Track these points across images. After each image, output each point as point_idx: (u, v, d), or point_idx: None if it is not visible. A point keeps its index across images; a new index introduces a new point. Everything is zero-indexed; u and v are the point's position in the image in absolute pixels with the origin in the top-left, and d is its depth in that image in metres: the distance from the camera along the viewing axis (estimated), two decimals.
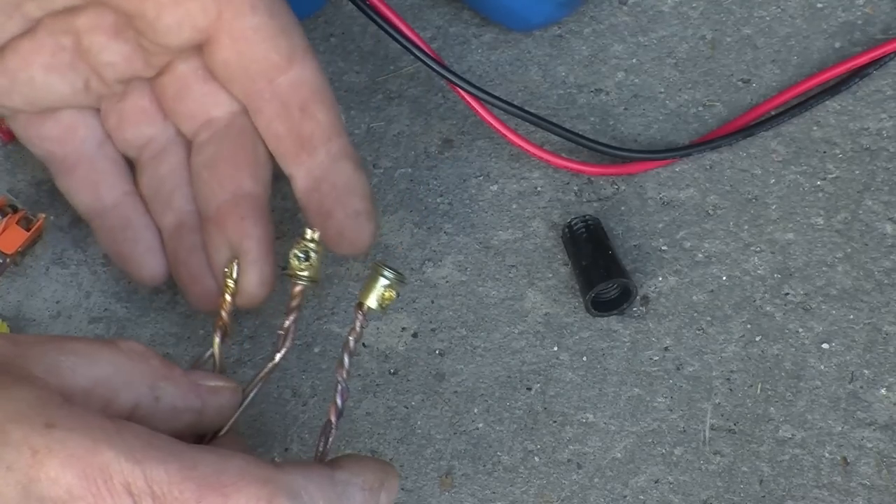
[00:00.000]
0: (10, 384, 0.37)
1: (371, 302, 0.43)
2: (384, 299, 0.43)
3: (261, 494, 0.37)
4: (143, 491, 0.36)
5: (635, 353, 0.52)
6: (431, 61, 0.52)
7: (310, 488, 0.38)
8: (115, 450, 0.36)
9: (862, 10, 0.58)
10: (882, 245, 0.53)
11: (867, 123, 0.56)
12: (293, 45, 0.47)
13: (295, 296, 0.45)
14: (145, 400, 0.40)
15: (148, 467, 0.36)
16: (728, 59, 0.58)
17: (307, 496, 0.38)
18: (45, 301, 0.53)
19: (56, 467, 0.35)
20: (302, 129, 0.47)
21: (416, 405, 0.51)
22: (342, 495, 0.39)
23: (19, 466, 0.35)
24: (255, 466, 0.37)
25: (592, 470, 0.50)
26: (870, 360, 0.51)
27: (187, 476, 0.36)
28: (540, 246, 0.54)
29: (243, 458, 0.38)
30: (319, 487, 0.38)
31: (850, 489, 0.49)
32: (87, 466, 0.35)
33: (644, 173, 0.55)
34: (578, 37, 0.59)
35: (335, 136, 0.48)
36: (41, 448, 0.35)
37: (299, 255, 0.44)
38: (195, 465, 0.36)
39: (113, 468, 0.35)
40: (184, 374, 0.42)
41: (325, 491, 0.39)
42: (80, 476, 0.35)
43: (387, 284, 0.43)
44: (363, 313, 0.43)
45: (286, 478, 0.38)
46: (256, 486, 0.37)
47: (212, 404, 0.42)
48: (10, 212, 0.52)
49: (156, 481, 0.36)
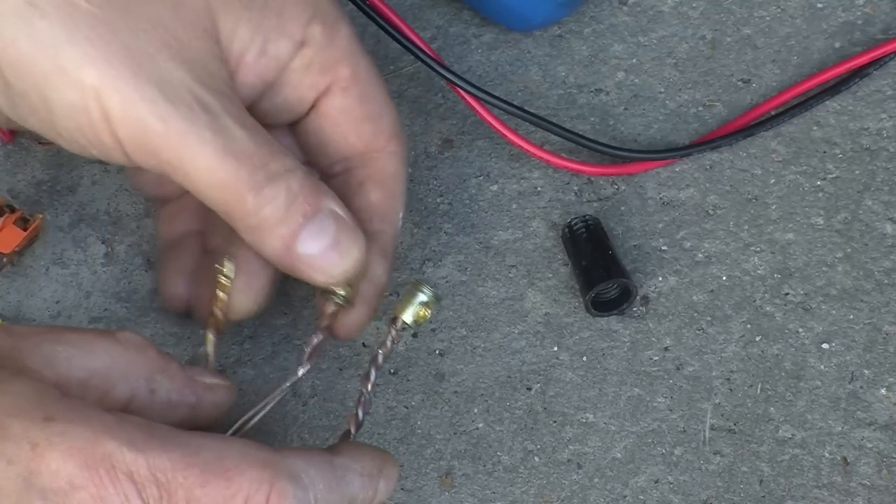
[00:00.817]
0: (6, 378, 0.37)
1: (407, 317, 0.44)
2: (419, 317, 0.44)
3: (263, 477, 0.37)
4: (146, 479, 0.36)
5: (635, 353, 0.52)
6: (431, 61, 0.52)
7: (310, 472, 0.39)
8: (117, 440, 0.36)
9: (862, 10, 0.58)
10: (882, 245, 0.53)
11: (867, 123, 0.56)
12: (377, 130, 0.47)
13: (326, 316, 0.45)
14: (141, 392, 0.40)
15: (151, 456, 0.36)
16: (728, 59, 0.58)
17: (307, 479, 0.38)
18: (45, 301, 0.53)
19: (57, 459, 0.35)
20: (355, 204, 0.47)
21: (416, 405, 0.51)
22: (341, 480, 0.40)
23: (20, 460, 0.35)
24: (255, 450, 0.38)
25: (592, 470, 0.50)
26: (870, 360, 0.51)
27: (190, 462, 0.37)
28: (540, 246, 0.54)
29: (243, 443, 0.38)
30: (319, 471, 0.39)
31: (850, 489, 0.49)
32: (88, 457, 0.35)
33: (644, 173, 0.55)
34: (578, 37, 0.58)
35: (386, 228, 0.47)
36: (41, 441, 0.35)
37: None
38: (197, 450, 0.37)
39: (115, 458, 0.36)
40: (180, 368, 0.42)
41: (324, 475, 0.39)
42: (81, 466, 0.35)
43: (424, 301, 0.44)
44: (397, 329, 0.44)
45: (287, 461, 0.38)
46: (258, 469, 0.37)
47: (207, 400, 0.43)
48: (7, 211, 0.52)
49: (159, 469, 0.36)
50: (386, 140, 0.47)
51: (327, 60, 0.45)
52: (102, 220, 0.54)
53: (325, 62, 0.45)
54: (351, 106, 0.46)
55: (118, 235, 0.54)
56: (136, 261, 0.54)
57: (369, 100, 0.46)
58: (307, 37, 0.44)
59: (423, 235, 0.54)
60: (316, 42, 0.44)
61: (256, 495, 0.37)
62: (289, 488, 0.38)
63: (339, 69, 0.45)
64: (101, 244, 0.54)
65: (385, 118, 0.47)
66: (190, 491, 0.36)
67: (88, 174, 0.55)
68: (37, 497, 0.35)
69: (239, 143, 0.40)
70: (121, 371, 0.40)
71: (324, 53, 0.45)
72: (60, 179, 0.55)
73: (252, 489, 0.37)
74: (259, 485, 0.37)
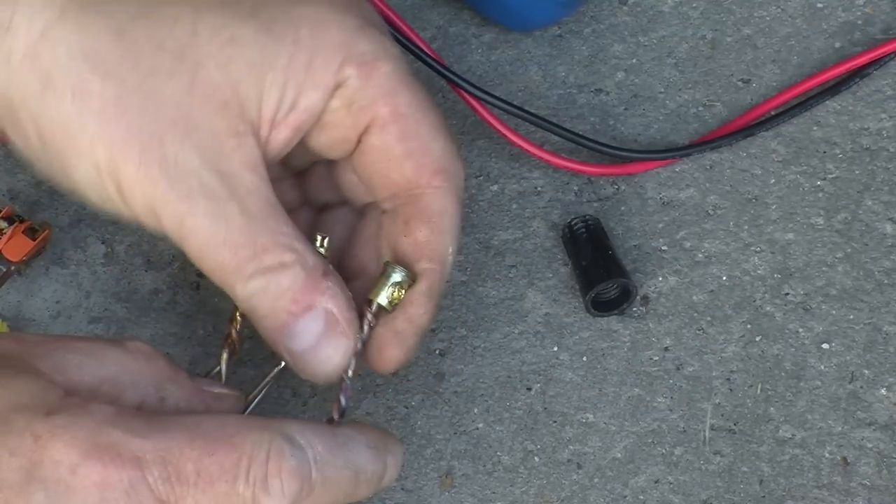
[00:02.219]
0: (10, 376, 0.38)
1: (381, 300, 0.44)
2: (394, 298, 0.44)
3: (263, 438, 0.38)
4: (153, 461, 0.36)
5: (635, 353, 0.52)
6: (431, 61, 0.52)
7: (307, 434, 0.39)
8: (121, 429, 0.37)
9: (862, 10, 0.58)
10: (882, 245, 0.53)
11: (867, 123, 0.56)
12: (420, 167, 0.46)
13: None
14: (150, 399, 0.40)
15: (155, 440, 0.37)
16: (728, 59, 0.58)
17: (304, 440, 0.39)
18: (45, 301, 0.53)
19: (60, 450, 0.36)
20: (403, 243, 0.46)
21: (416, 405, 0.51)
22: (343, 446, 0.40)
23: (22, 452, 0.35)
24: (252, 419, 0.40)
25: (592, 470, 0.50)
26: (870, 360, 0.51)
27: (195, 435, 0.37)
28: (540, 246, 0.54)
29: (237, 416, 0.40)
30: (316, 434, 0.40)
31: (850, 489, 0.49)
32: (91, 446, 0.36)
33: (644, 173, 0.55)
34: (578, 37, 0.58)
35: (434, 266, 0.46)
36: (44, 433, 0.36)
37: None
38: (197, 425, 0.38)
39: (121, 445, 0.36)
40: (189, 377, 0.42)
41: (323, 438, 0.40)
42: (84, 455, 0.36)
43: (397, 283, 0.43)
44: (372, 312, 0.44)
45: (283, 425, 0.39)
46: (258, 433, 0.38)
47: (215, 409, 0.43)
48: (16, 221, 0.53)
49: (164, 449, 0.37)
50: (430, 176, 0.46)
51: (365, 100, 0.44)
52: (102, 220, 0.54)
53: (363, 101, 0.44)
54: (389, 144, 0.45)
55: (118, 235, 0.54)
56: (136, 261, 0.54)
57: (410, 136, 0.45)
58: (341, 80, 0.43)
59: None
60: (351, 84, 0.44)
61: (258, 457, 0.38)
62: (285, 446, 0.38)
63: (377, 108, 0.44)
64: (101, 244, 0.54)
65: (430, 154, 0.46)
66: (199, 462, 0.37)
67: None
68: (38, 488, 0.35)
69: (234, 233, 0.41)
70: (130, 379, 0.40)
71: (360, 93, 0.44)
72: None
73: (254, 451, 0.38)
74: (259, 446, 0.38)
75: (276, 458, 0.38)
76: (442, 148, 0.46)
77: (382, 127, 0.45)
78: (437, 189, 0.46)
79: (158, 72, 0.40)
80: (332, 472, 0.39)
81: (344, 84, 0.44)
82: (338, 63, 0.43)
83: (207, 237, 0.41)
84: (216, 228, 0.41)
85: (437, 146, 0.46)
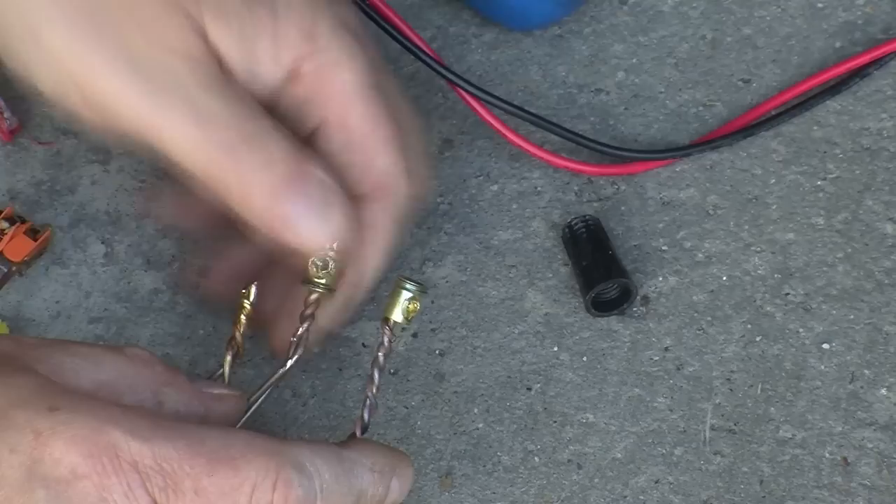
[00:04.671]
0: (11, 373, 0.37)
1: (397, 316, 0.44)
2: (409, 312, 0.44)
3: (269, 465, 0.37)
4: (151, 468, 0.36)
5: (635, 353, 0.52)
6: (431, 61, 0.52)
7: (316, 462, 0.39)
8: (122, 429, 0.36)
9: (862, 9, 0.58)
10: (882, 245, 0.53)
11: (867, 123, 0.56)
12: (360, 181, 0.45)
13: (309, 304, 0.45)
14: (148, 404, 0.40)
15: (156, 445, 0.36)
16: (728, 59, 0.58)
17: (313, 468, 0.38)
18: (45, 301, 0.53)
19: (60, 448, 0.35)
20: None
21: (416, 405, 0.51)
22: (349, 472, 0.40)
23: (23, 448, 0.35)
24: (261, 440, 0.38)
25: (592, 470, 0.50)
26: (870, 360, 0.51)
27: (196, 451, 0.37)
28: (540, 246, 0.54)
29: (248, 433, 0.38)
30: (326, 461, 0.39)
31: (851, 489, 0.49)
32: (92, 446, 0.35)
33: (644, 173, 0.55)
34: (578, 37, 0.58)
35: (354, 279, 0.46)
36: (45, 430, 0.35)
37: (318, 262, 0.44)
38: (203, 440, 0.37)
39: (120, 447, 0.36)
40: (188, 380, 0.42)
41: (331, 466, 0.39)
42: (85, 455, 0.35)
43: (410, 297, 0.44)
44: (390, 328, 0.44)
45: (293, 451, 0.38)
46: (265, 458, 0.37)
47: (216, 411, 0.43)
48: (17, 222, 0.53)
49: (165, 458, 0.36)
50: (370, 189, 0.46)
51: (316, 102, 0.44)
52: (102, 220, 0.54)
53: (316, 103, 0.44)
54: (332, 152, 0.45)
55: (118, 235, 0.54)
56: (136, 261, 0.54)
57: (353, 150, 0.45)
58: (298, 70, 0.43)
59: (423, 235, 0.54)
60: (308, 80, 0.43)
61: (263, 484, 0.37)
62: (294, 477, 0.37)
63: (327, 114, 0.44)
64: (101, 244, 0.54)
65: (372, 170, 0.45)
66: (197, 480, 0.36)
67: (88, 174, 0.55)
68: (39, 485, 0.35)
69: (212, 109, 0.40)
70: (128, 383, 0.40)
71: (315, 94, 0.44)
72: (60, 179, 0.55)
73: (259, 478, 0.37)
74: (266, 473, 0.37)
75: (283, 488, 0.37)
76: (386, 164, 0.46)
77: (329, 134, 0.45)
78: (375, 202, 0.46)
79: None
80: (335, 499, 0.39)
81: (299, 78, 0.43)
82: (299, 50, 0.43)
83: (183, 118, 0.40)
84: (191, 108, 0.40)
85: (381, 162, 0.45)
